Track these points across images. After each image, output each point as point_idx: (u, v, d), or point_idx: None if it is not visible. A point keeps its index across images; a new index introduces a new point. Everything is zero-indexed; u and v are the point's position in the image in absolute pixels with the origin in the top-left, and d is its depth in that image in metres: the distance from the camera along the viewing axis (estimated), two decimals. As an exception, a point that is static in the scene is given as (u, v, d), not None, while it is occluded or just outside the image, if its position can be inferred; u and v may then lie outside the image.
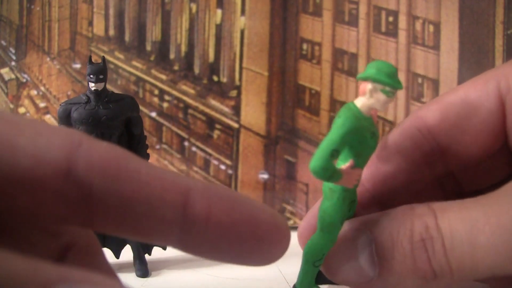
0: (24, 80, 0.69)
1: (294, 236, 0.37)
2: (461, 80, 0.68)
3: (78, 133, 0.17)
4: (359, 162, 0.30)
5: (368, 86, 0.31)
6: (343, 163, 0.30)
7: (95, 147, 0.16)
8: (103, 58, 0.50)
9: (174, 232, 0.17)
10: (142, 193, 0.16)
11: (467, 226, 0.22)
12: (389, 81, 0.31)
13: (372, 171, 0.31)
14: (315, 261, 0.33)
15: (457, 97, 0.29)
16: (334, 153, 0.29)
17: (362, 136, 0.30)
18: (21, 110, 0.70)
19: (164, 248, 0.52)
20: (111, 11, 0.69)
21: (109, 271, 0.19)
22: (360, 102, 0.31)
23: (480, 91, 0.28)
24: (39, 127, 0.16)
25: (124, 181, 0.16)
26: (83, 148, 0.16)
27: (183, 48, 0.69)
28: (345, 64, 0.68)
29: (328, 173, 0.29)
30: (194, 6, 0.69)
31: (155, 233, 0.17)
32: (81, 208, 0.16)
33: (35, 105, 0.70)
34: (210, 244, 0.17)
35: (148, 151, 0.53)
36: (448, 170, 0.31)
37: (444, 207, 0.24)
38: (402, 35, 0.68)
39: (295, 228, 0.67)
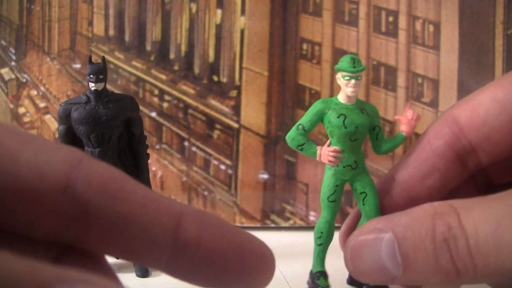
0: (24, 80, 0.69)
1: (295, 236, 0.38)
2: (461, 80, 0.68)
3: (79, 152, 0.17)
4: (333, 141, 0.37)
5: (337, 76, 0.38)
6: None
7: (94, 166, 0.17)
8: (103, 58, 0.50)
9: (164, 255, 0.18)
10: (136, 214, 0.17)
11: (492, 225, 0.23)
12: (341, 66, 0.37)
13: (409, 173, 0.33)
14: (316, 239, 0.39)
15: (486, 96, 0.30)
16: (299, 127, 0.37)
17: (329, 116, 0.36)
18: (21, 110, 0.70)
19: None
20: (111, 11, 0.69)
21: (109, 272, 0.19)
22: (340, 92, 0.38)
23: (508, 90, 0.29)
24: (43, 143, 0.17)
25: (121, 201, 0.17)
26: (83, 166, 0.17)
27: (183, 48, 0.69)
28: (345, 64, 0.69)
29: (295, 142, 0.37)
30: (194, 6, 0.69)
31: (146, 255, 0.18)
32: (76, 224, 0.17)
33: (35, 105, 0.70)
34: (198, 270, 0.18)
35: (148, 151, 0.53)
36: (480, 166, 0.31)
37: (467, 206, 0.24)
38: (402, 35, 0.68)
39: (295, 228, 0.67)
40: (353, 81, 0.36)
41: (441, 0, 0.67)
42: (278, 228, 0.68)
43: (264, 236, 0.20)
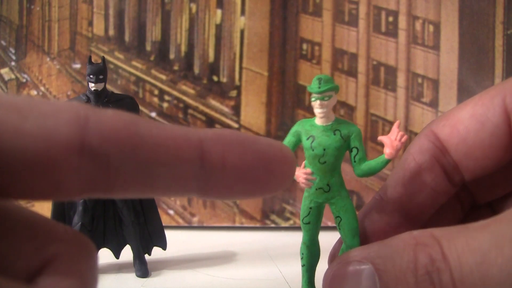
0: (24, 80, 0.69)
1: (295, 236, 0.38)
2: (461, 80, 0.68)
3: (82, 106, 0.17)
4: (306, 163, 0.36)
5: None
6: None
7: (103, 118, 0.17)
8: (103, 58, 0.50)
9: (194, 183, 0.18)
10: (157, 155, 0.17)
11: (477, 257, 0.22)
12: (309, 87, 0.36)
13: (398, 191, 0.32)
14: (300, 259, 0.39)
15: (465, 113, 0.30)
16: None
17: (302, 137, 0.36)
18: (21, 110, 0.70)
19: (164, 249, 0.52)
20: (111, 11, 0.69)
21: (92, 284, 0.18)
22: None
23: (487, 107, 0.29)
24: (43, 108, 0.16)
25: (138, 147, 0.17)
26: (92, 122, 0.16)
27: (183, 48, 0.69)
28: (345, 64, 0.68)
29: None
30: (194, 6, 0.69)
31: (176, 188, 0.18)
32: (100, 179, 0.17)
33: (35, 105, 0.70)
34: (228, 186, 0.18)
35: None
36: (464, 181, 0.31)
37: (450, 236, 0.23)
38: (402, 35, 0.68)
39: (295, 228, 0.67)
40: (318, 101, 0.35)
41: (441, 0, 0.67)
42: (278, 228, 0.68)
43: (264, 236, 0.20)
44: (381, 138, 0.35)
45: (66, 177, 0.16)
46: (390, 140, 0.34)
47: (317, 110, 0.36)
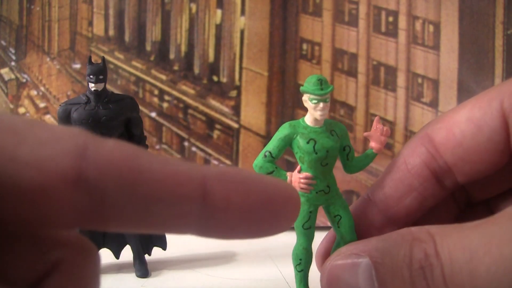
0: (24, 80, 0.69)
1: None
2: (461, 80, 0.68)
3: (82, 135, 0.16)
4: (304, 167, 0.35)
5: (303, 98, 0.36)
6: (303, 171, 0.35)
7: (102, 149, 0.16)
8: (103, 59, 0.50)
9: (193, 222, 0.17)
10: (157, 192, 0.16)
11: (466, 255, 0.22)
12: (307, 88, 0.35)
13: (385, 193, 0.33)
14: (296, 265, 0.37)
15: (462, 116, 0.30)
16: (266, 154, 0.35)
17: (298, 141, 0.35)
18: (21, 110, 0.70)
19: (164, 249, 0.52)
20: (111, 11, 0.69)
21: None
22: (307, 114, 0.36)
23: (484, 110, 0.29)
24: (41, 133, 0.15)
25: (137, 182, 0.16)
26: (90, 152, 0.16)
27: (183, 48, 0.69)
28: (345, 64, 0.68)
29: (263, 171, 0.35)
30: (194, 6, 0.69)
31: (175, 226, 0.17)
32: (94, 212, 0.16)
33: (35, 105, 0.70)
34: (230, 227, 0.17)
35: (148, 151, 0.53)
36: (457, 185, 0.31)
37: (444, 233, 0.24)
38: (402, 35, 0.68)
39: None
40: (321, 104, 0.34)
41: (441, 0, 0.67)
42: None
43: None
44: (366, 134, 0.36)
45: (58, 209, 0.15)
46: (377, 135, 0.35)
47: (318, 113, 0.35)
